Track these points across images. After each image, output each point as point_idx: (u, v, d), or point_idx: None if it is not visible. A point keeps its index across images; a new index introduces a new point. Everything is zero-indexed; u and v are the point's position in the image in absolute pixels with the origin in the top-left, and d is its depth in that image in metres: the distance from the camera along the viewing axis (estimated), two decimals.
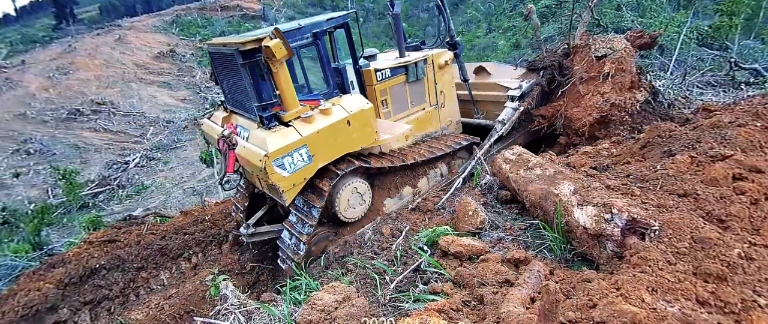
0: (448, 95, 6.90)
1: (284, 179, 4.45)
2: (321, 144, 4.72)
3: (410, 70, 6.11)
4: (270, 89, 4.62)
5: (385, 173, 5.69)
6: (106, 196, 14.41)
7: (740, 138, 3.72)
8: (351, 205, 5.33)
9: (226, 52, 4.69)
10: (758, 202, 3.04)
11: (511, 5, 18.55)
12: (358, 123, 5.00)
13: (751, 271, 2.48)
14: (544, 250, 3.54)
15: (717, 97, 7.76)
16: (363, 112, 5.03)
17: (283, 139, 4.43)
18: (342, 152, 4.99)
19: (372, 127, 5.17)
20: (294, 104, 4.69)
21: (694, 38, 10.25)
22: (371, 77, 5.73)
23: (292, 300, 3.67)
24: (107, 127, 19.84)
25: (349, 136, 4.95)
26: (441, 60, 6.59)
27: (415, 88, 6.35)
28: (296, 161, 4.54)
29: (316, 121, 4.70)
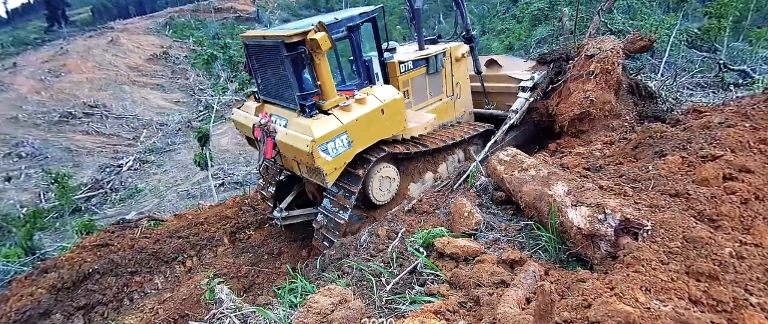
0: (463, 87, 7.27)
1: (328, 163, 4.81)
2: (359, 131, 5.07)
3: (430, 63, 6.44)
4: (311, 80, 4.95)
5: (409, 159, 6.11)
6: (99, 199, 14.29)
7: (730, 138, 3.78)
8: (382, 188, 5.72)
9: (267, 45, 4.99)
10: (748, 202, 3.10)
11: (505, 8, 18.70)
12: (391, 111, 5.35)
13: (743, 269, 2.52)
14: (539, 251, 3.56)
15: (707, 99, 7.88)
16: (395, 101, 5.39)
17: (327, 126, 4.76)
18: (376, 139, 5.35)
19: (402, 116, 5.55)
20: (333, 94, 5.01)
21: (683, 40, 10.42)
22: (395, 69, 6.06)
23: (288, 303, 3.66)
24: (100, 129, 19.69)
25: (382, 123, 5.32)
26: (458, 53, 6.91)
27: (434, 79, 6.69)
28: (338, 147, 4.89)
29: (353, 110, 5.03)
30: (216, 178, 14.46)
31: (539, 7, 14.71)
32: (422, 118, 6.17)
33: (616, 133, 5.88)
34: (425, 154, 6.22)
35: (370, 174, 5.47)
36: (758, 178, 3.38)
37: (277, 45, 4.72)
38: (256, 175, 14.65)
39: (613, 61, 6.15)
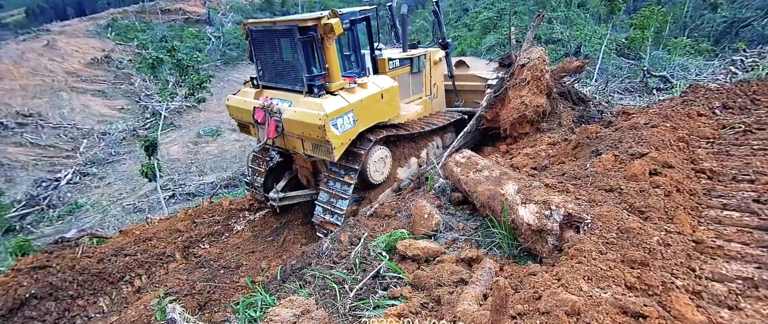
0: (439, 88, 8.08)
1: (337, 137, 5.26)
2: (363, 111, 5.59)
3: (414, 63, 7.16)
4: (320, 63, 5.40)
5: (397, 145, 6.70)
6: (35, 217, 12.97)
7: (654, 138, 4.22)
8: (378, 169, 6.27)
9: (278, 29, 5.43)
10: (671, 194, 3.47)
11: (457, 16, 19.42)
12: (388, 97, 5.97)
13: (669, 255, 2.80)
14: (494, 248, 3.74)
15: (634, 102, 8.70)
16: (393, 88, 6.07)
17: (337, 104, 5.23)
18: (376, 120, 5.91)
19: (397, 102, 6.22)
20: (339, 77, 5.51)
21: (613, 49, 11.43)
22: (385, 65, 6.63)
23: (248, 318, 3.55)
24: (35, 141, 17.88)
25: (381, 107, 5.92)
26: (436, 57, 7.72)
27: (417, 79, 7.43)
28: (345, 123, 5.37)
29: (358, 92, 5.56)
30: (165, 190, 13.66)
31: (488, 16, 15.49)
32: (411, 108, 7.02)
33: (557, 134, 6.34)
34: (411, 140, 6.90)
35: (369, 154, 5.94)
36: (678, 172, 3.80)
37: (291, 28, 5.15)
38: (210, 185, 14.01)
39: (541, 68, 6.89)
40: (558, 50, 14.34)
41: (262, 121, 5.61)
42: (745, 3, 13.43)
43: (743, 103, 5.88)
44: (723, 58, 10.63)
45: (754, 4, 13.09)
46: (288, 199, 6.85)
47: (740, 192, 3.58)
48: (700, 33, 13.65)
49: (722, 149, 4.51)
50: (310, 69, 5.41)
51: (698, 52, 11.71)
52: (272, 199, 6.70)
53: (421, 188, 5.94)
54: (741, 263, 2.75)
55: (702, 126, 5.16)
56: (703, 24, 14.09)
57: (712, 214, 3.38)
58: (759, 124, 4.96)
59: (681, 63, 10.40)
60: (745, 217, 3.24)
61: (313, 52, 5.38)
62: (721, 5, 14.08)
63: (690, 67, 10.17)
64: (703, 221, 3.31)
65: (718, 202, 3.51)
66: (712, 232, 3.12)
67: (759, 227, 3.07)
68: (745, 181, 3.74)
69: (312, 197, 6.89)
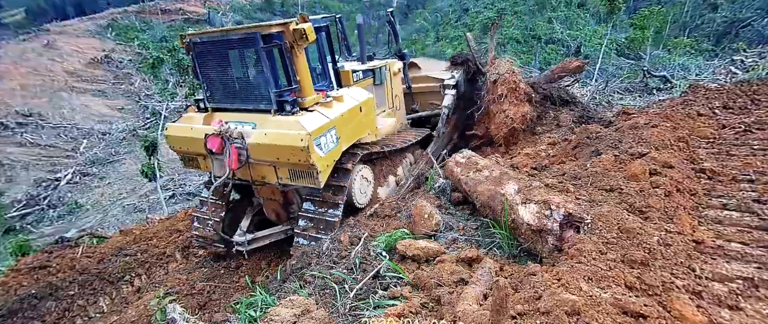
0: (400, 100, 7.61)
1: (322, 159, 4.62)
2: (344, 127, 5.03)
3: (376, 74, 6.77)
4: (289, 76, 4.72)
5: (375, 162, 6.22)
6: (35, 217, 12.98)
7: (654, 138, 4.22)
8: (363, 189, 5.71)
9: (232, 39, 4.67)
10: (671, 194, 3.47)
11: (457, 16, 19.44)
12: (366, 110, 5.48)
13: (669, 255, 2.81)
14: (494, 248, 3.74)
15: (634, 102, 8.70)
16: (369, 100, 5.57)
17: (317, 121, 4.61)
18: (357, 136, 5.38)
19: (374, 116, 5.71)
20: (311, 91, 4.89)
21: (613, 49, 11.43)
22: (349, 77, 6.15)
23: (248, 318, 3.55)
24: (35, 140, 17.87)
25: (361, 121, 5.40)
26: (395, 68, 7.33)
27: (379, 91, 6.93)
28: (328, 142, 4.76)
29: (336, 106, 4.99)
30: (166, 190, 13.66)
31: (488, 16, 15.48)
32: (386, 121, 6.47)
33: (557, 134, 6.35)
34: (387, 157, 6.41)
35: (352, 175, 5.36)
36: (678, 172, 3.80)
37: (252, 37, 4.44)
38: None
39: (513, 80, 6.95)
40: (558, 50, 14.35)
41: (218, 150, 4.69)
42: (745, 3, 13.43)
43: (743, 103, 5.88)
44: (723, 58, 10.63)
45: (754, 4, 13.10)
46: (258, 241, 5.77)
47: (740, 192, 3.58)
48: (700, 33, 13.66)
49: (722, 149, 4.51)
50: (278, 83, 4.69)
51: (698, 52, 11.72)
52: (239, 243, 5.57)
53: (421, 188, 5.94)
54: (741, 263, 2.75)
55: (702, 126, 5.16)
56: (703, 24, 14.10)
57: (712, 214, 3.38)
58: (759, 124, 4.96)
59: (681, 63, 10.40)
60: (745, 217, 3.24)
61: (279, 63, 4.71)
62: (721, 5, 14.09)
63: (690, 67, 10.17)
64: (703, 221, 3.31)
65: (718, 202, 3.51)
66: (712, 232, 3.13)
67: (760, 227, 3.08)
68: (745, 181, 3.74)
69: (287, 234, 5.95)
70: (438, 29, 23.22)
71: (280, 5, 37.82)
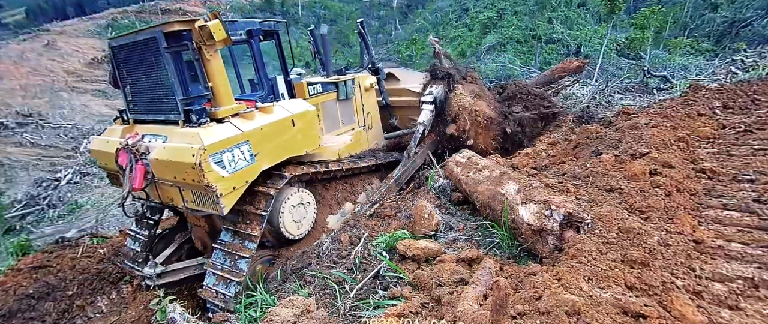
0: (374, 118, 7.06)
1: (223, 180, 3.81)
2: (265, 142, 4.30)
3: (340, 88, 6.15)
4: (200, 81, 4.06)
5: (326, 187, 5.52)
6: (35, 217, 12.98)
7: (654, 137, 4.22)
8: (296, 219, 4.89)
9: (140, 41, 4.09)
10: (671, 194, 3.47)
11: (457, 16, 19.45)
12: (303, 124, 4.72)
13: (669, 255, 2.81)
14: (494, 248, 3.75)
15: (634, 102, 8.70)
16: (308, 113, 4.81)
17: (222, 133, 3.93)
18: (288, 154, 4.64)
19: (316, 131, 4.97)
20: (229, 100, 4.23)
21: (613, 49, 11.43)
22: (303, 90, 5.58)
23: (248, 318, 3.56)
24: (35, 140, 17.87)
25: (294, 137, 4.64)
26: (366, 83, 6.79)
27: (346, 107, 6.41)
28: (237, 159, 4.01)
29: (257, 118, 4.32)
30: None
31: (488, 16, 15.48)
32: (337, 140, 5.79)
33: (557, 134, 6.36)
34: (344, 181, 5.80)
35: (281, 198, 4.66)
36: (679, 172, 3.80)
37: (154, 37, 3.87)
38: None
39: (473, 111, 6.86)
40: (558, 50, 14.37)
41: (127, 165, 4.17)
42: (745, 3, 13.44)
43: (743, 103, 5.89)
44: (723, 58, 10.63)
45: (754, 4, 13.11)
46: (171, 275, 5.04)
47: (740, 192, 3.59)
48: (700, 33, 13.67)
49: (722, 149, 4.51)
50: (186, 89, 4.11)
51: (698, 52, 11.73)
52: (147, 275, 4.90)
53: (421, 188, 5.94)
54: (741, 263, 2.75)
55: (702, 126, 5.16)
56: (703, 24, 14.11)
57: (713, 214, 3.38)
58: (759, 124, 4.97)
59: (681, 63, 10.41)
60: (745, 217, 3.24)
61: (189, 67, 4.16)
62: (721, 5, 14.10)
63: (690, 67, 10.18)
64: (703, 221, 3.31)
65: (719, 202, 3.51)
66: (712, 232, 3.13)
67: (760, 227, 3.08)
68: (746, 181, 3.74)
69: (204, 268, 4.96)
70: (438, 29, 23.24)
71: (280, 5, 37.83)
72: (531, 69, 12.85)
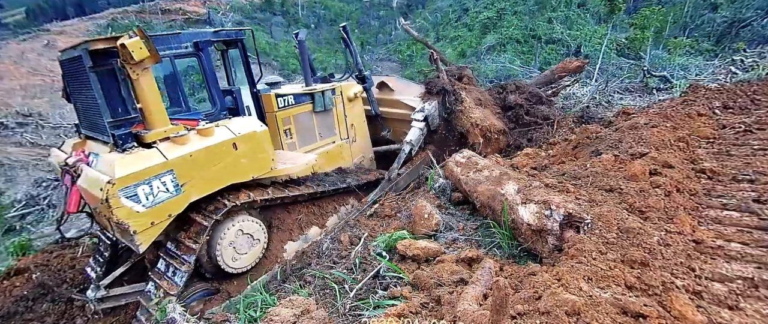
0: (359, 130, 6.70)
1: (136, 215, 3.50)
2: (195, 171, 3.91)
3: (317, 99, 5.80)
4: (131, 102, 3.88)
5: (289, 210, 5.12)
6: (35, 217, 12.98)
7: (654, 138, 4.22)
8: (239, 250, 4.46)
9: (73, 58, 3.86)
10: (671, 194, 3.47)
11: (457, 16, 19.45)
12: (249, 147, 4.33)
13: (668, 255, 2.81)
14: (494, 248, 3.74)
15: (634, 102, 8.70)
16: (255, 135, 4.39)
17: (139, 163, 3.60)
18: (226, 182, 4.24)
19: (267, 153, 4.53)
20: (161, 122, 3.91)
21: (613, 49, 11.44)
22: (271, 103, 5.26)
23: (247, 318, 3.56)
24: (35, 140, 17.87)
25: (235, 162, 4.25)
26: (350, 93, 6.42)
27: (324, 119, 6.06)
28: (156, 192, 3.67)
29: (190, 143, 3.95)
30: None
31: (488, 16, 15.49)
32: (299, 158, 5.18)
33: (557, 134, 6.36)
34: (312, 202, 5.36)
35: (221, 228, 4.29)
36: (678, 172, 3.80)
37: (81, 55, 3.67)
38: None
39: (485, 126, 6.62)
40: (558, 50, 14.37)
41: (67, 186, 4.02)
42: (745, 3, 13.44)
43: (743, 103, 5.89)
44: (723, 58, 10.64)
45: (754, 4, 13.11)
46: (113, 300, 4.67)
47: (740, 192, 3.58)
48: (700, 33, 13.67)
49: (722, 149, 4.51)
50: (116, 111, 3.88)
51: (698, 52, 11.73)
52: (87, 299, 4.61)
53: (421, 188, 5.94)
54: (741, 263, 2.75)
55: (702, 126, 5.16)
56: (703, 24, 14.12)
57: (712, 214, 3.38)
58: (759, 124, 4.97)
59: (681, 63, 10.42)
60: (745, 217, 3.24)
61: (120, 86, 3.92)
62: (721, 5, 14.10)
63: (690, 67, 10.18)
64: (703, 221, 3.31)
65: (718, 202, 3.51)
66: (712, 232, 3.13)
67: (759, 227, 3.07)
68: (745, 181, 3.74)
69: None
70: (438, 30, 23.24)
71: (281, 5, 37.82)
72: (531, 69, 12.85)
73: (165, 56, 4.12)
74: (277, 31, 29.33)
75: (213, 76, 4.62)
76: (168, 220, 3.86)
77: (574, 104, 9.08)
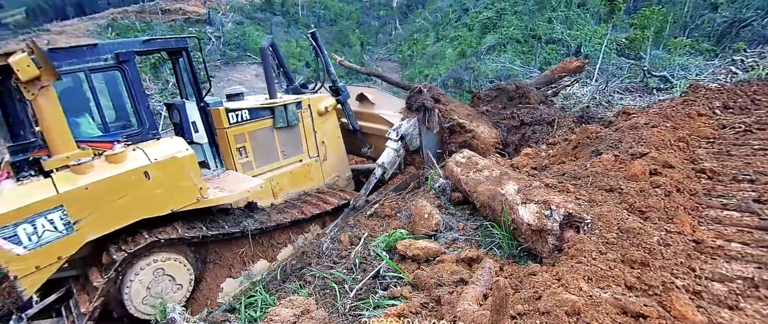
0: (332, 146, 6.16)
1: (16, 259, 3.09)
2: (92, 206, 3.39)
3: (278, 114, 5.28)
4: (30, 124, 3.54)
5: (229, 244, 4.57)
6: None
7: (654, 137, 4.22)
8: (154, 294, 3.89)
9: None
10: (671, 194, 3.47)
11: (457, 16, 19.46)
12: (166, 176, 3.75)
13: (668, 255, 2.81)
14: (494, 248, 3.74)
15: (634, 102, 8.71)
16: (175, 161, 3.81)
17: (19, 198, 3.14)
18: (135, 217, 3.67)
19: (191, 181, 3.93)
20: (65, 146, 3.48)
21: (613, 49, 11.45)
22: (221, 118, 4.76)
23: (248, 318, 3.56)
24: None
25: (148, 194, 3.67)
26: (320, 106, 5.87)
27: (288, 135, 5.55)
28: (41, 231, 3.18)
29: (91, 172, 3.46)
30: None
31: (488, 16, 15.50)
32: (241, 183, 4.53)
33: (557, 134, 6.35)
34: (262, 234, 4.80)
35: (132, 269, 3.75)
36: (679, 172, 3.80)
37: None
38: None
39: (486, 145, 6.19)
40: (558, 50, 14.37)
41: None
42: (745, 3, 13.44)
43: (743, 103, 5.89)
44: (723, 58, 10.64)
45: (754, 4, 13.11)
46: None
47: (740, 192, 3.58)
48: (700, 33, 13.68)
49: (722, 149, 4.51)
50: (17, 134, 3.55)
51: (698, 52, 11.74)
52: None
53: (421, 188, 5.94)
54: (741, 263, 2.75)
55: (702, 126, 5.16)
56: (703, 24, 14.12)
57: (713, 214, 3.38)
58: (759, 124, 4.97)
59: (681, 63, 10.42)
60: (745, 217, 3.24)
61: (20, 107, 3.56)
62: (721, 5, 14.11)
63: (690, 67, 10.19)
64: (703, 221, 3.31)
65: (719, 202, 3.51)
66: (712, 232, 3.13)
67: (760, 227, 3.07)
68: (746, 181, 3.74)
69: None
70: (438, 30, 23.24)
71: (281, 5, 37.82)
72: (531, 69, 12.86)
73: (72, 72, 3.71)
74: (277, 31, 29.32)
75: (139, 92, 4.15)
76: (59, 263, 3.36)
77: (574, 104, 9.08)
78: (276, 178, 5.47)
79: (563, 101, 9.33)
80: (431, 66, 17.12)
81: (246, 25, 27.51)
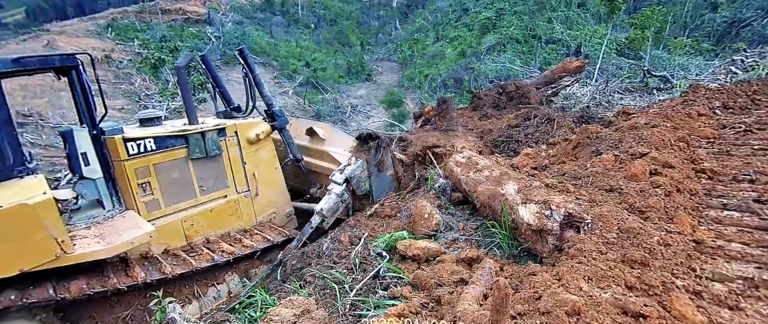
0: (266, 179, 5.41)
1: None
2: None
3: (192, 143, 4.57)
4: None
5: (107, 304, 3.86)
6: None
7: (654, 137, 4.22)
8: None
9: None
10: (671, 194, 3.47)
11: (457, 16, 19.46)
12: (12, 228, 3.05)
13: (669, 255, 2.81)
14: (494, 248, 3.74)
15: (634, 102, 8.70)
16: (23, 209, 3.08)
17: None
18: None
19: (46, 234, 3.22)
20: None
21: (613, 49, 11.45)
22: (117, 149, 4.08)
23: (248, 318, 3.55)
24: (35, 141, 17.89)
25: None
26: (250, 133, 5.14)
27: (207, 168, 4.82)
28: None
29: None
30: None
31: (488, 16, 15.53)
32: (126, 233, 3.74)
33: (557, 134, 6.34)
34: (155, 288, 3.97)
35: None
36: (679, 172, 3.80)
37: None
38: None
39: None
40: (558, 50, 14.38)
41: None
42: (745, 3, 13.44)
43: (744, 103, 5.88)
44: (723, 58, 10.64)
45: (754, 4, 13.11)
46: None
47: (741, 192, 3.58)
48: (700, 33, 13.68)
49: (723, 149, 4.51)
50: None
51: (698, 52, 11.74)
52: None
53: (421, 188, 5.93)
54: (741, 263, 2.75)
55: (702, 126, 5.16)
56: (703, 24, 14.12)
57: (713, 214, 3.38)
58: (759, 124, 4.96)
59: (681, 63, 10.42)
60: (745, 217, 3.24)
61: None
62: (721, 5, 14.11)
63: (690, 67, 10.19)
64: (703, 221, 3.31)
65: (719, 202, 3.51)
66: (712, 232, 3.12)
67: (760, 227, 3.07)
68: (746, 181, 3.74)
69: None
70: (438, 30, 23.24)
71: (281, 5, 37.82)
72: (531, 69, 12.86)
73: None
74: (277, 31, 29.30)
75: (8, 119, 3.44)
76: None
77: (574, 104, 9.08)
78: (191, 218, 4.67)
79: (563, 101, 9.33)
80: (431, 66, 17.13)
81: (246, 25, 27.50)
